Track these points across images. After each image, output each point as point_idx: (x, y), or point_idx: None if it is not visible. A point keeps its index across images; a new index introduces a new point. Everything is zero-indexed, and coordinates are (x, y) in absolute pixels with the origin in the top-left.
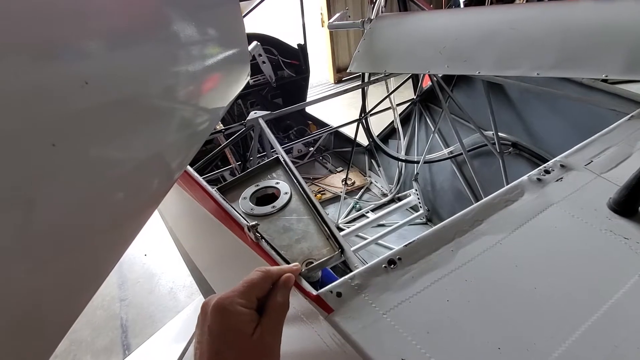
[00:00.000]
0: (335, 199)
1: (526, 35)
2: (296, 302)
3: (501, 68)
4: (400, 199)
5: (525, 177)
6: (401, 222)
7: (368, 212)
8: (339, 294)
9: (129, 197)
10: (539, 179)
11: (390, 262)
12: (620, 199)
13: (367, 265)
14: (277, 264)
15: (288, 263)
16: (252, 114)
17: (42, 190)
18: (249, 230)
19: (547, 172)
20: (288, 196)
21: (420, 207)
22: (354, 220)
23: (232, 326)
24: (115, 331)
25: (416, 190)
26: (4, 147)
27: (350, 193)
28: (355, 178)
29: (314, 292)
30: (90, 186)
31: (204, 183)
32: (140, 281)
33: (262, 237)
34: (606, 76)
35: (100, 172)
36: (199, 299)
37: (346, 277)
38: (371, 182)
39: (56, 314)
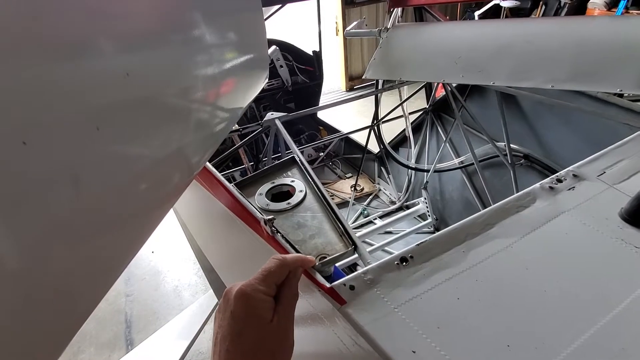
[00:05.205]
0: (344, 204)
1: (541, 48)
2: (310, 295)
3: (516, 79)
4: (408, 207)
5: (537, 185)
6: (409, 230)
7: (376, 218)
8: (352, 287)
9: (153, 187)
10: (551, 187)
11: (403, 259)
12: (631, 209)
13: (379, 261)
14: None
15: None
16: (269, 115)
17: (86, 170)
18: (265, 224)
19: (559, 180)
20: (303, 194)
21: (429, 215)
22: (362, 226)
23: (254, 311)
24: (120, 326)
25: (425, 198)
26: (60, 124)
27: (358, 199)
28: (364, 184)
29: (328, 285)
30: (123, 173)
31: (222, 178)
32: (146, 278)
33: (278, 231)
34: (620, 90)
35: (132, 160)
36: (203, 297)
37: (359, 271)
38: (380, 189)
39: (85, 292)
